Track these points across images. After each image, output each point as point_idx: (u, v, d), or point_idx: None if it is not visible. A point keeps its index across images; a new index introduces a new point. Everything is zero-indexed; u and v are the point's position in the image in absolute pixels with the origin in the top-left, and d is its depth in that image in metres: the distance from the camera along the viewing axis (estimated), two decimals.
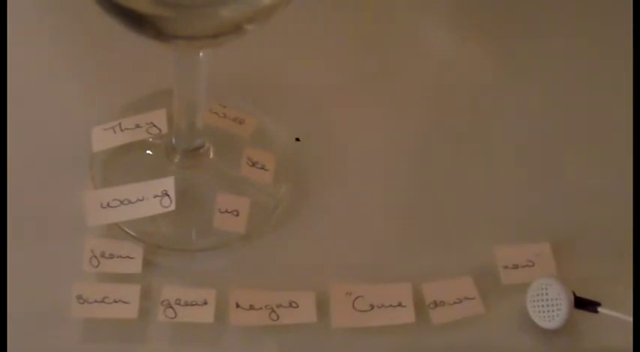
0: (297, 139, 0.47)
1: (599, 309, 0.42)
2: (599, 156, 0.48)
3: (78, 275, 0.42)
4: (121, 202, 0.43)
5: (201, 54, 0.39)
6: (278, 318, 0.42)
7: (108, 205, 0.43)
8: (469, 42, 0.51)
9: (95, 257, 0.43)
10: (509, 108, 0.50)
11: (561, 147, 0.49)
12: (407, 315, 0.42)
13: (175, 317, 0.42)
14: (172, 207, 0.42)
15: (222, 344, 0.42)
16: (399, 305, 0.42)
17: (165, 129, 0.45)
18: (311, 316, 0.42)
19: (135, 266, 0.43)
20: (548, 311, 0.42)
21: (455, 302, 0.43)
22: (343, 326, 0.42)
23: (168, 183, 0.43)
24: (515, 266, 0.44)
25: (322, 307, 0.42)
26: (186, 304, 0.42)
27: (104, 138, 0.45)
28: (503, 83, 0.50)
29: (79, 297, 0.42)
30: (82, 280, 0.42)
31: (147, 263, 0.43)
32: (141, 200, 0.43)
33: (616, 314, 0.41)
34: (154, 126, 0.45)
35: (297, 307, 0.42)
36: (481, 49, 0.52)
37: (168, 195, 0.42)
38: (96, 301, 0.42)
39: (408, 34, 0.52)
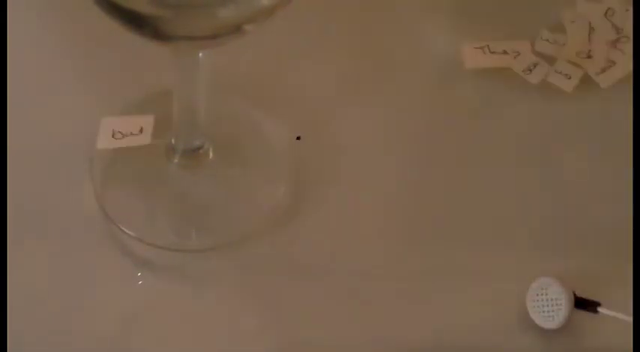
0: (298, 138, 0.47)
1: (599, 309, 0.42)
2: (599, 155, 0.48)
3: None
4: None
5: (200, 54, 0.39)
6: None
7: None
8: (469, 42, 0.50)
9: None
10: (510, 108, 0.50)
11: (561, 147, 0.49)
12: None
13: None
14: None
15: None
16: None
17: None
18: None
19: None
20: (548, 311, 0.42)
21: None
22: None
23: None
24: None
25: None
26: None
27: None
28: (503, 82, 0.50)
29: None
30: None
31: (147, 263, 0.43)
32: None
33: (616, 314, 0.41)
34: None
35: None
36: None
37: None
38: None
39: (408, 33, 0.52)
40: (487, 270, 0.45)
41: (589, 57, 0.50)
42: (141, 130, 0.45)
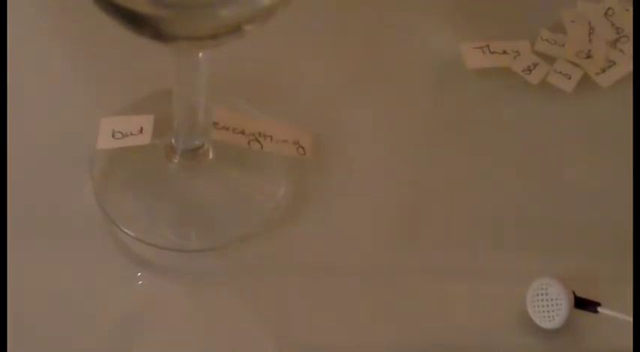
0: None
1: (599, 309, 0.42)
2: (599, 155, 0.48)
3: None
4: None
5: (200, 54, 0.39)
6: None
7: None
8: (469, 42, 0.50)
9: None
10: (510, 108, 0.50)
11: (561, 147, 0.49)
12: None
13: None
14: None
15: None
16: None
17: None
18: None
19: None
20: (548, 311, 0.42)
21: None
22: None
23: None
24: None
25: None
26: None
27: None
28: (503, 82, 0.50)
29: None
30: None
31: (147, 263, 0.43)
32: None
33: (616, 314, 0.41)
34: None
35: None
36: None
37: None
38: None
39: (408, 33, 0.52)
40: (487, 270, 0.45)
41: (589, 57, 0.50)
42: (141, 130, 0.45)
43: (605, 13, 0.51)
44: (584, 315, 0.42)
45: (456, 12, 0.52)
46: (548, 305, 0.42)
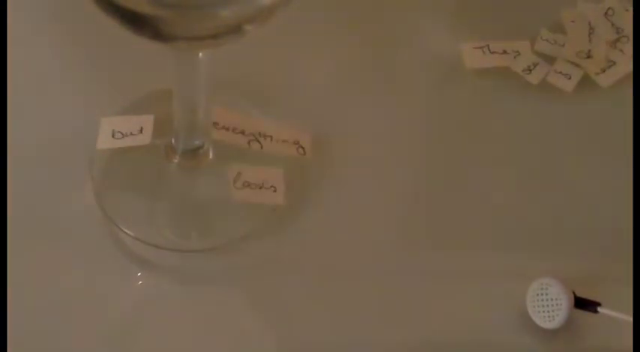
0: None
1: (599, 309, 0.42)
2: (599, 155, 0.48)
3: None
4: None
5: (200, 54, 0.39)
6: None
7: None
8: (469, 42, 0.50)
9: None
10: (510, 108, 0.50)
11: (561, 147, 0.49)
12: None
13: None
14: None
15: None
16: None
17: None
18: None
19: None
20: (548, 311, 0.42)
21: None
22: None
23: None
24: None
25: None
26: None
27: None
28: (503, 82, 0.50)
29: None
30: None
31: (147, 263, 0.43)
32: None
33: (616, 314, 0.41)
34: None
35: None
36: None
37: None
38: None
39: (408, 33, 0.52)
40: (487, 270, 0.45)
41: (589, 57, 0.50)
42: (141, 130, 0.45)
43: (605, 13, 0.51)
44: (584, 315, 0.42)
45: (456, 12, 0.52)
46: (548, 305, 0.42)
